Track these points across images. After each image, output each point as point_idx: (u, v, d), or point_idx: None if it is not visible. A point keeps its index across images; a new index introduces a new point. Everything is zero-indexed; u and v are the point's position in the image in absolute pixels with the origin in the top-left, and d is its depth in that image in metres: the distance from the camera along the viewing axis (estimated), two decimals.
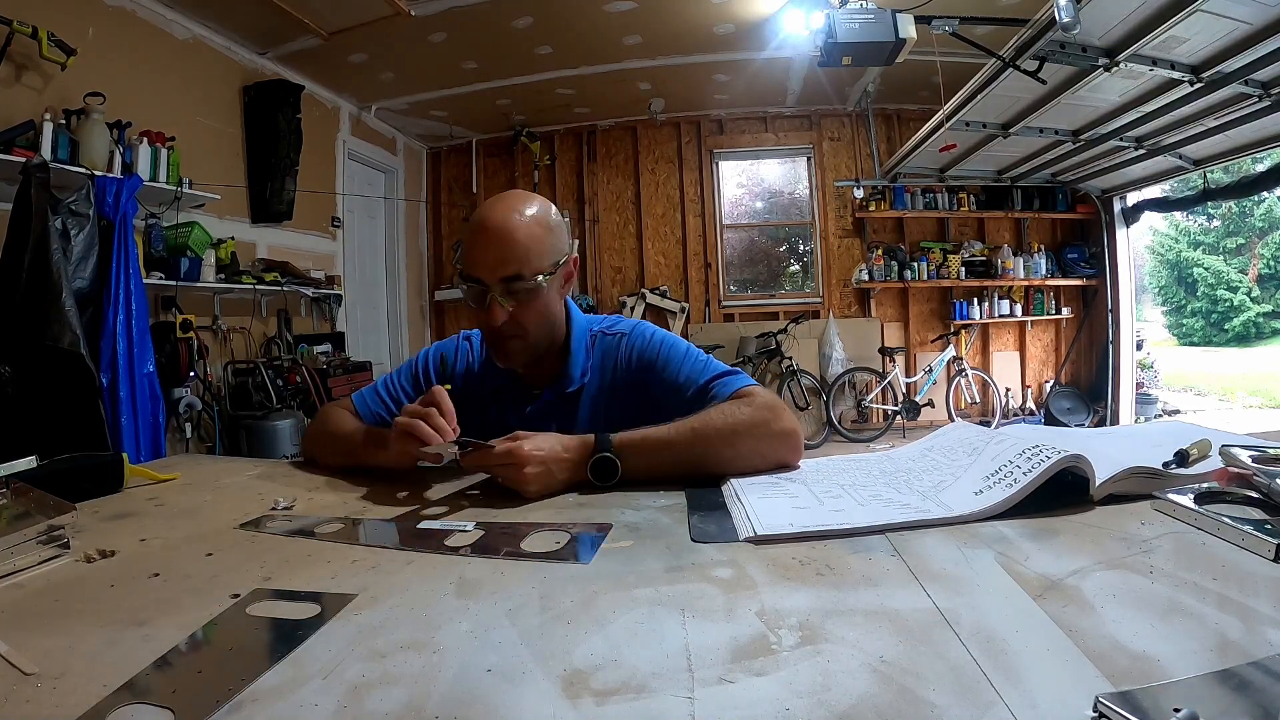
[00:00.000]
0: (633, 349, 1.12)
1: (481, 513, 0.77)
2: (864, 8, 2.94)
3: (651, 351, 1.11)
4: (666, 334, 1.15)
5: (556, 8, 4.13)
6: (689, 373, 1.07)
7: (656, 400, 1.06)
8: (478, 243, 1.00)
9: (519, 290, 0.99)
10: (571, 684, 0.40)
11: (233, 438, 3.67)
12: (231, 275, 3.81)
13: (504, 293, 0.99)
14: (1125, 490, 0.69)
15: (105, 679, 0.42)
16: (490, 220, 1.00)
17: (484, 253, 0.99)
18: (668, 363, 1.09)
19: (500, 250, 0.98)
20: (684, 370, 1.07)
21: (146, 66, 3.52)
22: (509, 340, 1.04)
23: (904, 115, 5.95)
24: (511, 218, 0.99)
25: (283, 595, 0.55)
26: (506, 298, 0.99)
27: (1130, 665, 0.39)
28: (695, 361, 1.09)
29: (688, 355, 1.10)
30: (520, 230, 0.99)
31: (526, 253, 0.99)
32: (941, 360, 5.71)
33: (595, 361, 1.13)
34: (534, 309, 1.02)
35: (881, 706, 0.37)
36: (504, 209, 1.00)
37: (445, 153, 6.55)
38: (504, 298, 0.99)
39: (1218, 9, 2.63)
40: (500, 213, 1.00)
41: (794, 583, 0.54)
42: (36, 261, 2.38)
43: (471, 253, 1.00)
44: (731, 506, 0.74)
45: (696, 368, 1.07)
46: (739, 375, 1.06)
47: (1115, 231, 5.74)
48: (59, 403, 2.40)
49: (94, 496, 0.88)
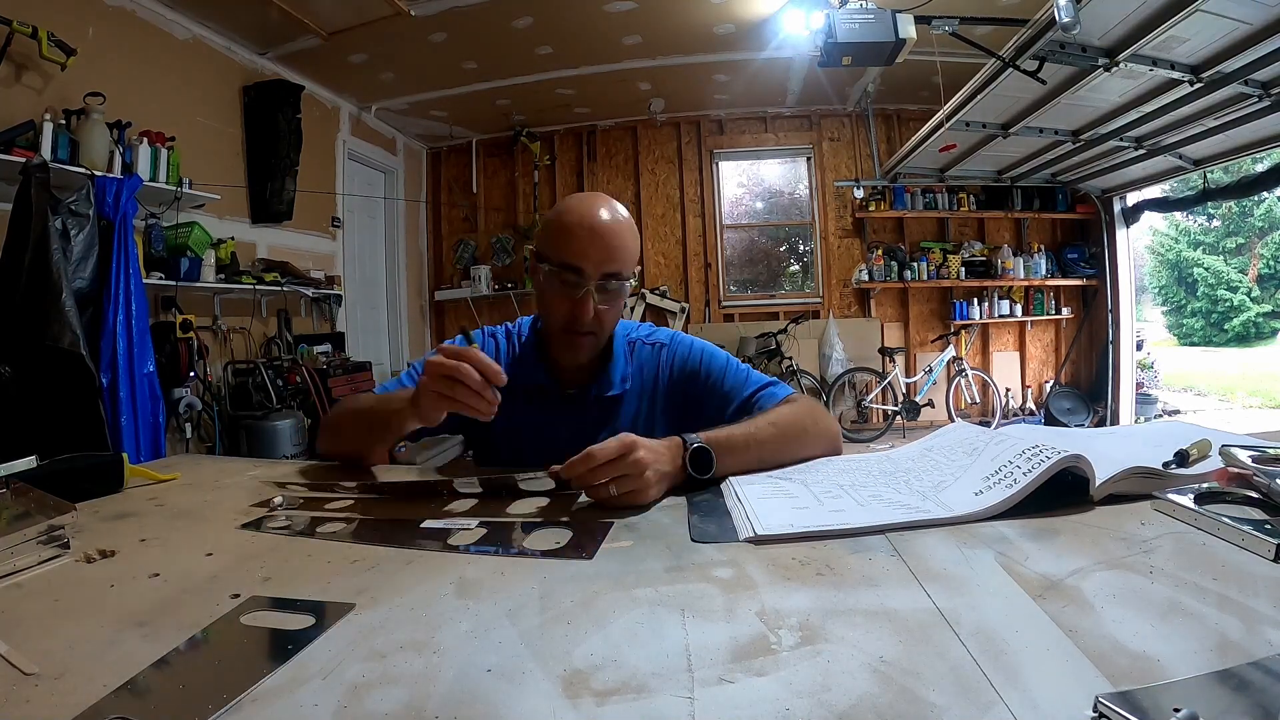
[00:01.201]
0: (674, 358, 1.16)
1: (484, 512, 0.77)
2: (864, 8, 2.94)
3: (694, 362, 1.15)
4: (705, 344, 1.18)
5: (556, 8, 4.13)
6: (733, 382, 1.11)
7: (699, 408, 1.09)
8: (584, 237, 1.02)
9: (613, 289, 1.04)
10: (571, 684, 0.40)
11: (233, 438, 3.67)
12: (231, 275, 3.81)
13: (600, 289, 1.02)
14: (1125, 490, 0.69)
15: (105, 679, 0.42)
16: (599, 218, 1.03)
17: (591, 246, 1.01)
18: (710, 372, 1.13)
19: (608, 247, 1.02)
20: (728, 380, 1.12)
21: (146, 66, 3.52)
22: (586, 336, 1.06)
23: (904, 115, 5.95)
24: (618, 218, 1.04)
25: (282, 597, 0.55)
26: (600, 294, 1.02)
27: (1130, 665, 0.39)
28: (738, 371, 1.13)
29: (729, 365, 1.14)
30: (625, 231, 1.04)
31: (626, 255, 1.04)
32: (941, 360, 5.71)
33: (635, 369, 1.16)
34: (616, 308, 1.07)
35: (881, 706, 0.37)
36: (607, 208, 1.04)
37: (445, 153, 6.55)
38: (598, 293, 1.02)
39: (1218, 9, 2.63)
40: (604, 211, 1.04)
41: (794, 583, 0.54)
42: (36, 261, 2.38)
43: (574, 242, 1.02)
44: (731, 506, 0.74)
45: (740, 378, 1.12)
46: (781, 385, 1.11)
47: (1115, 231, 5.74)
48: (59, 403, 2.40)
49: (94, 496, 0.88)
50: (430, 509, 0.78)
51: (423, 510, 0.77)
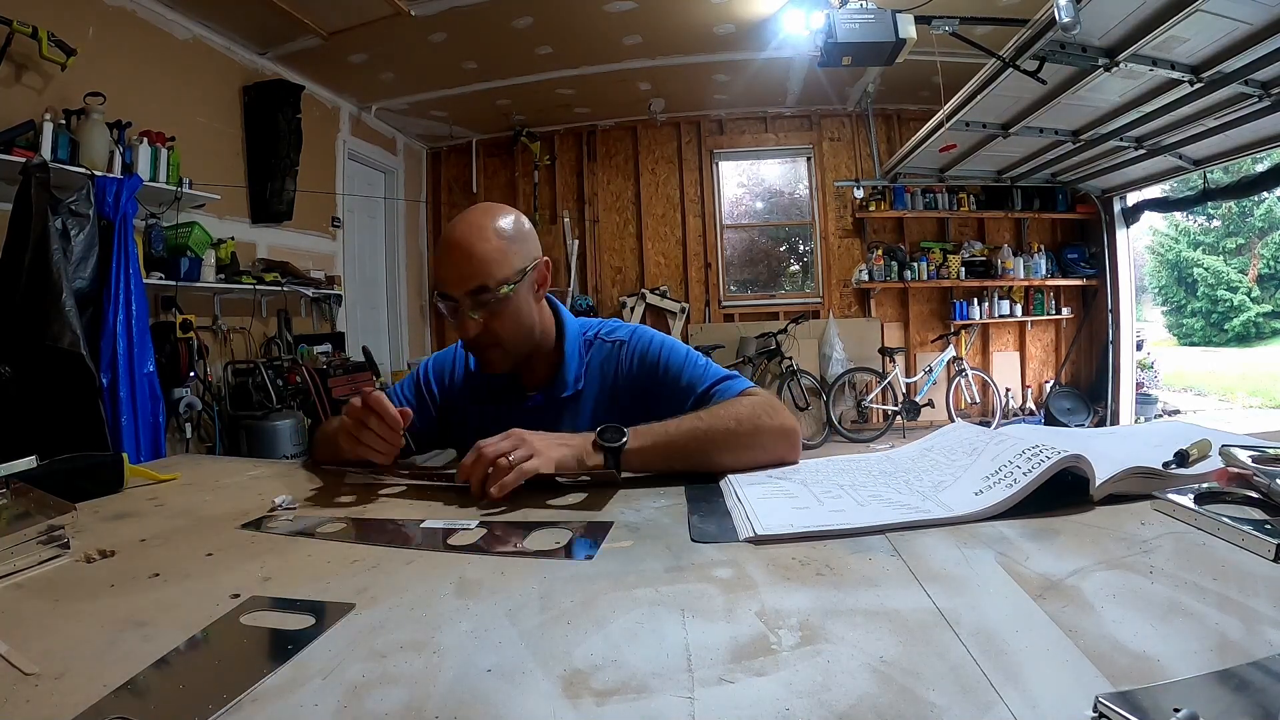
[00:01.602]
0: (634, 354, 1.14)
1: (484, 512, 0.77)
2: (864, 8, 2.94)
3: (653, 356, 1.13)
4: (666, 338, 1.17)
5: (556, 8, 4.13)
6: (690, 377, 1.09)
7: (658, 405, 1.07)
8: (443, 260, 1.04)
9: (487, 301, 1.02)
10: (571, 684, 0.40)
11: (233, 438, 3.67)
12: (231, 275, 3.81)
13: (473, 306, 1.02)
14: (1125, 490, 0.69)
15: (105, 679, 0.42)
16: (451, 237, 1.03)
17: (449, 269, 1.02)
18: (668, 367, 1.11)
19: (463, 265, 1.01)
20: (685, 374, 1.10)
21: (146, 66, 3.52)
22: (487, 350, 1.07)
23: (904, 115, 5.95)
24: (471, 233, 1.03)
25: (282, 597, 0.55)
26: (476, 310, 1.02)
27: (1130, 665, 0.39)
28: (696, 366, 1.11)
29: (688, 359, 1.12)
30: (479, 245, 1.02)
31: (488, 265, 1.01)
32: (941, 360, 5.71)
33: (594, 367, 1.15)
34: (505, 318, 1.05)
35: (881, 706, 0.37)
36: (464, 225, 1.04)
37: (445, 153, 6.55)
38: (473, 310, 1.02)
39: (1218, 9, 2.63)
40: (461, 229, 1.03)
41: (794, 583, 0.54)
42: (36, 261, 2.38)
43: (439, 269, 1.04)
44: (731, 507, 0.74)
45: (698, 372, 1.10)
46: (739, 379, 1.08)
47: (1115, 231, 5.74)
48: (59, 403, 2.40)
49: (94, 496, 0.88)
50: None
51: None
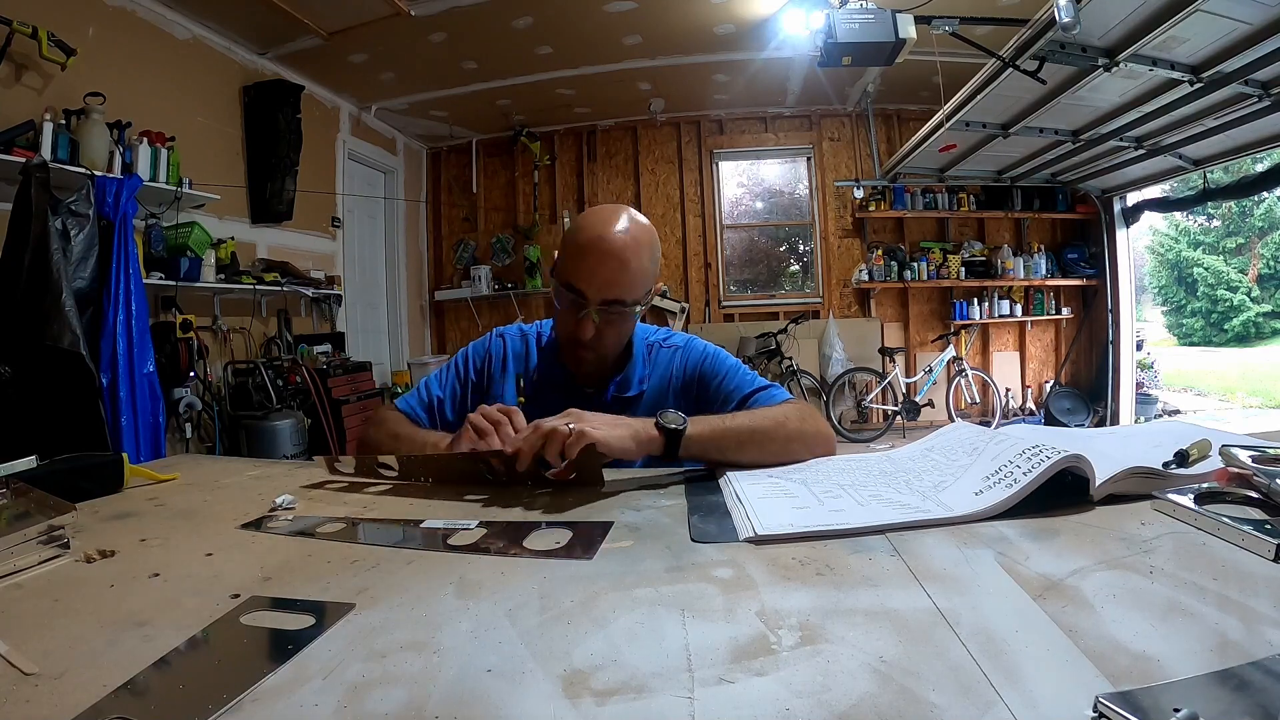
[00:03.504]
0: (687, 360, 1.19)
1: (484, 512, 0.77)
2: (864, 8, 2.94)
3: (704, 364, 1.18)
4: (717, 348, 1.22)
5: (556, 8, 4.13)
6: (736, 383, 1.14)
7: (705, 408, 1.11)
8: (591, 258, 1.03)
9: (616, 313, 1.05)
10: (571, 684, 0.40)
11: (233, 438, 3.68)
12: (231, 275, 3.81)
13: (600, 312, 1.04)
14: (1125, 490, 0.69)
15: (105, 679, 0.42)
16: (609, 242, 1.02)
17: (597, 271, 1.02)
18: (716, 373, 1.17)
19: (612, 274, 1.02)
20: (731, 381, 1.15)
21: (146, 66, 3.52)
22: (586, 351, 1.09)
23: (904, 115, 5.95)
24: (629, 246, 1.03)
25: (282, 597, 0.55)
26: (600, 316, 1.04)
27: (1130, 665, 0.39)
28: (743, 375, 1.17)
29: (736, 369, 1.18)
30: (634, 260, 1.03)
31: (633, 282, 1.04)
32: (941, 360, 5.71)
33: (655, 371, 1.19)
34: (620, 331, 1.09)
35: (881, 706, 0.37)
36: (624, 235, 1.03)
37: (445, 153, 6.55)
38: (598, 316, 1.04)
39: (1218, 9, 2.63)
40: (620, 238, 1.03)
41: (794, 583, 0.54)
42: (36, 261, 2.38)
43: (580, 264, 1.03)
44: (731, 506, 0.74)
45: (744, 380, 1.15)
46: (779, 388, 1.14)
47: (1115, 231, 5.74)
48: (59, 403, 2.40)
49: (94, 496, 0.88)
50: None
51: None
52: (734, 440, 0.92)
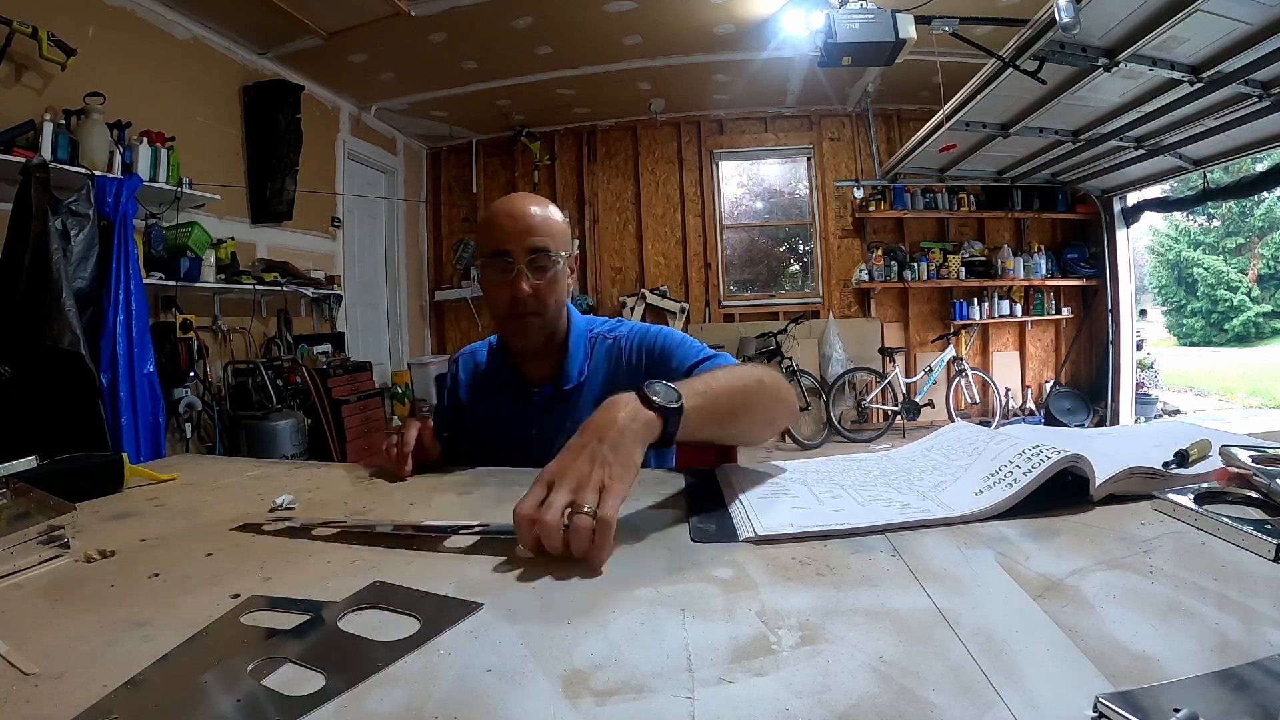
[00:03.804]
0: (633, 345, 1.19)
1: (483, 513, 0.77)
2: (864, 8, 2.94)
3: (649, 341, 1.18)
4: (663, 328, 1.21)
5: (556, 8, 4.13)
6: (682, 356, 1.14)
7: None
8: (503, 220, 1.09)
9: (544, 265, 1.08)
10: (571, 684, 0.40)
11: (233, 438, 3.68)
12: (231, 275, 3.81)
13: (530, 266, 1.07)
14: (1125, 490, 0.69)
15: (105, 679, 0.42)
16: (516, 204, 1.10)
17: (514, 225, 1.08)
18: (664, 350, 1.16)
19: (529, 225, 1.08)
20: (677, 355, 1.15)
21: (146, 66, 3.52)
22: (529, 316, 1.09)
23: (904, 115, 5.95)
24: (535, 204, 1.11)
25: (282, 597, 0.55)
26: (532, 272, 1.07)
27: (1130, 665, 0.39)
28: (690, 346, 1.17)
29: (684, 342, 1.17)
30: (543, 213, 1.11)
31: (551, 232, 1.09)
32: (941, 360, 5.71)
33: (597, 363, 1.18)
34: (555, 286, 1.10)
35: (881, 706, 0.37)
36: (526, 198, 1.12)
37: (445, 153, 6.55)
38: (529, 271, 1.07)
39: (1218, 9, 2.63)
40: (524, 200, 1.11)
41: (794, 583, 0.54)
42: (36, 261, 2.38)
43: (496, 230, 1.09)
44: (731, 507, 0.74)
45: (691, 350, 1.15)
46: (724, 354, 1.14)
47: (1115, 231, 5.74)
48: (59, 403, 2.40)
49: (94, 496, 0.88)
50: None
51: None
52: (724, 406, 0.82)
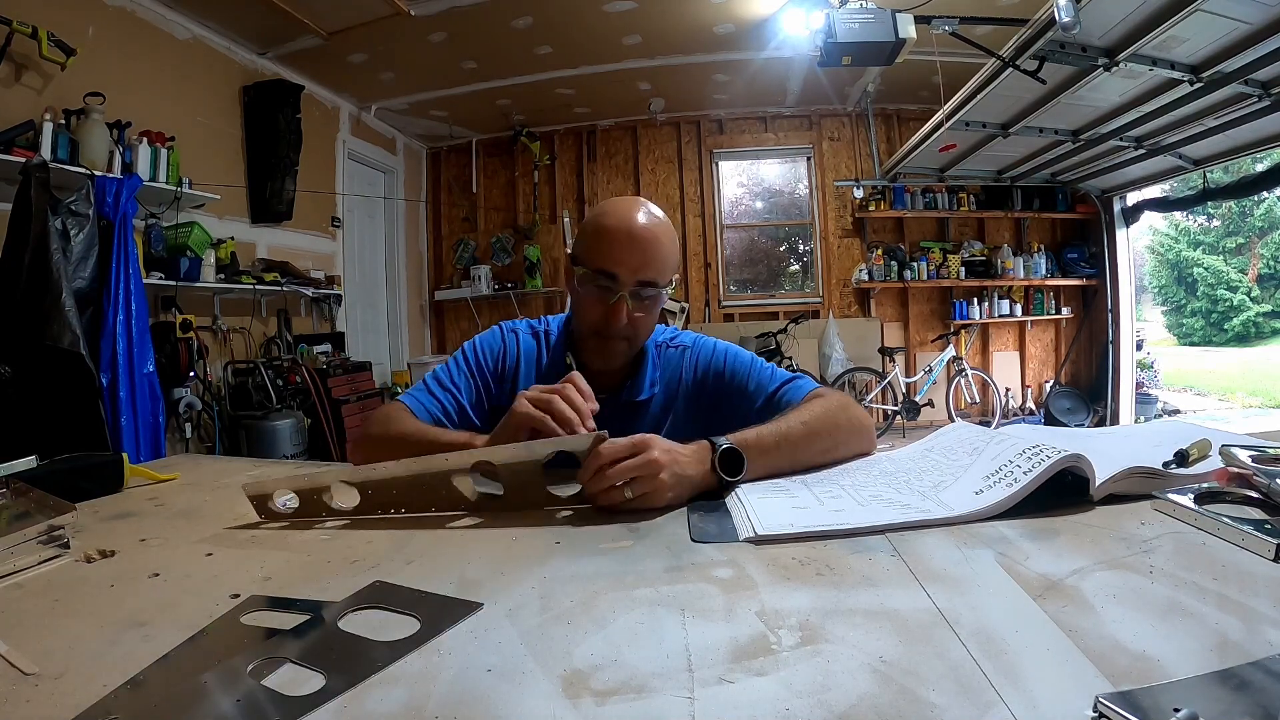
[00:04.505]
0: (696, 361, 1.14)
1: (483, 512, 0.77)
2: (864, 8, 2.95)
3: (718, 363, 1.13)
4: (729, 345, 1.16)
5: (556, 8, 4.13)
6: (758, 380, 1.09)
7: (724, 409, 1.07)
8: (622, 242, 1.00)
9: (648, 296, 1.02)
10: (571, 684, 0.40)
11: (233, 438, 3.68)
12: (231, 275, 3.81)
13: (634, 295, 1.01)
14: (1125, 490, 0.69)
15: (105, 679, 0.42)
16: (638, 223, 1.01)
17: (628, 254, 1.00)
18: (734, 372, 1.11)
19: (646, 254, 1.00)
20: (752, 378, 1.10)
21: (146, 66, 3.52)
22: (619, 341, 1.05)
23: (904, 115, 5.95)
24: (658, 225, 1.02)
25: (282, 597, 0.55)
26: (634, 301, 1.01)
27: (1130, 665, 0.39)
28: (762, 369, 1.11)
29: (753, 364, 1.12)
30: (663, 238, 1.02)
31: (663, 263, 1.02)
32: (941, 360, 5.71)
33: (664, 373, 1.14)
34: (652, 316, 1.06)
35: (881, 706, 0.37)
36: (648, 216, 1.03)
37: (445, 153, 6.55)
38: (632, 299, 1.01)
39: (1217, 9, 2.63)
40: (646, 219, 1.02)
41: (794, 583, 0.54)
42: (36, 261, 2.38)
43: (612, 250, 1.01)
44: (731, 507, 0.74)
45: (764, 376, 1.10)
46: (805, 379, 1.08)
47: (1115, 231, 5.74)
48: (59, 403, 2.40)
49: (94, 496, 0.88)
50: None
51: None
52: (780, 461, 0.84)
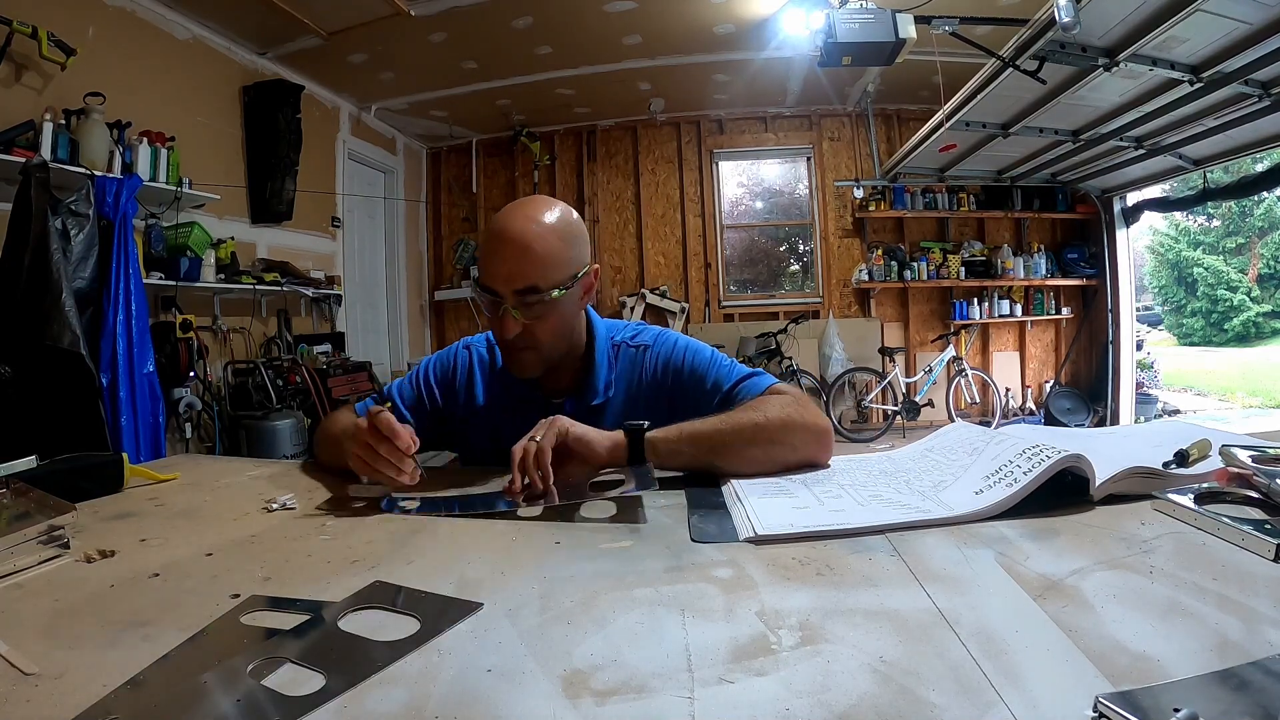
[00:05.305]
0: (658, 359, 1.11)
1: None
2: (864, 8, 2.94)
3: (677, 359, 1.10)
4: (691, 340, 1.13)
5: (556, 8, 4.13)
6: (715, 377, 1.06)
7: (684, 408, 1.04)
8: (493, 252, 0.97)
9: (533, 303, 0.96)
10: (571, 684, 0.40)
11: (233, 438, 3.67)
12: (231, 275, 3.81)
13: (518, 305, 0.96)
14: (1125, 490, 0.69)
15: (105, 679, 0.42)
16: (508, 230, 0.97)
17: (499, 264, 0.96)
18: (693, 369, 1.08)
19: (516, 262, 0.95)
20: (710, 375, 1.06)
21: (146, 66, 3.52)
22: (522, 352, 1.01)
23: (904, 115, 5.95)
24: (529, 228, 0.96)
25: (282, 597, 0.55)
26: (521, 310, 0.96)
27: (1130, 665, 0.39)
28: (720, 366, 1.08)
29: (713, 360, 1.09)
30: (537, 242, 0.96)
31: (543, 266, 0.96)
32: (941, 360, 5.71)
33: (620, 373, 1.11)
34: (548, 323, 0.99)
35: (881, 706, 0.37)
36: (522, 218, 0.97)
37: (445, 153, 6.55)
38: (518, 310, 0.96)
39: (1217, 9, 2.63)
40: (518, 222, 0.97)
41: (794, 583, 0.54)
42: (36, 261, 2.38)
43: (487, 262, 0.98)
44: (731, 507, 0.74)
45: (723, 372, 1.06)
46: (763, 375, 1.05)
47: (1115, 231, 5.74)
48: (59, 403, 2.40)
49: (94, 496, 0.88)
50: None
51: None
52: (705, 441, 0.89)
